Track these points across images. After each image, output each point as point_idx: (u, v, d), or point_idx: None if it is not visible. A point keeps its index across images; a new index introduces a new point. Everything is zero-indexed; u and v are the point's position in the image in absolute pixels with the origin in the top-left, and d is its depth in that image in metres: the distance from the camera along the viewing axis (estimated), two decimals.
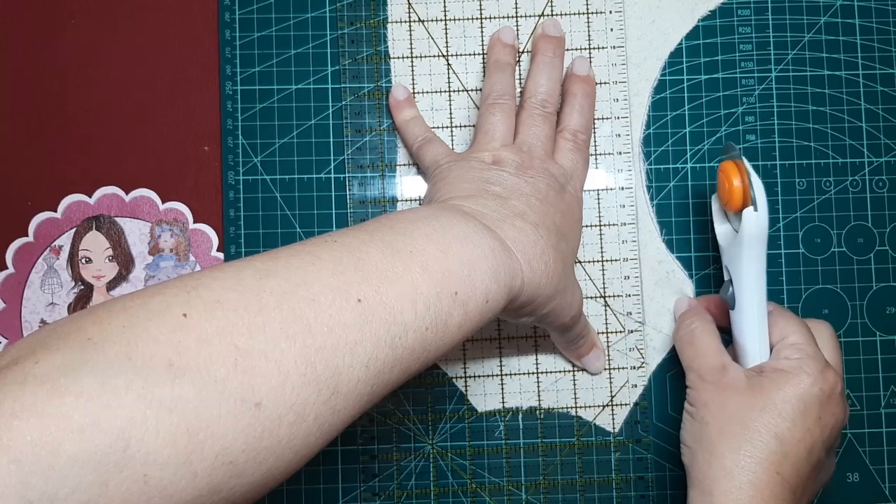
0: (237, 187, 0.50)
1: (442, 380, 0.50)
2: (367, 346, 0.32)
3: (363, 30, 0.51)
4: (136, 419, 0.26)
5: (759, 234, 0.42)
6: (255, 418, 0.28)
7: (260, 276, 0.31)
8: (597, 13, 0.51)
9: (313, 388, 0.30)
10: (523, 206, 0.42)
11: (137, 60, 0.51)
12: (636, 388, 0.50)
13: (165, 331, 0.28)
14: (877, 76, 0.51)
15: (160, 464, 0.26)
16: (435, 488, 0.49)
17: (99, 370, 0.26)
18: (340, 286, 0.32)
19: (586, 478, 0.49)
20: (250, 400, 0.28)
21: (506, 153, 0.45)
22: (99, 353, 0.27)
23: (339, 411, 0.31)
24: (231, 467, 0.28)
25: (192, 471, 0.27)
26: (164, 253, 0.50)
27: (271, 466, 0.29)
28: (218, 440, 0.27)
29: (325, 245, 0.34)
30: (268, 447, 0.29)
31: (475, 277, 0.36)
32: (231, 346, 0.29)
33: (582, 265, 0.50)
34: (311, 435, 0.31)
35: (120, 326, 0.28)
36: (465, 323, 0.36)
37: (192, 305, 0.29)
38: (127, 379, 0.26)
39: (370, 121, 0.50)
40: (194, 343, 0.28)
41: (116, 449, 0.25)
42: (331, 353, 0.31)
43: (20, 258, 0.50)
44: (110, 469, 0.25)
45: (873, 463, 0.50)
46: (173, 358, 0.27)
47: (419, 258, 0.35)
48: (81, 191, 0.50)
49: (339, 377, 0.31)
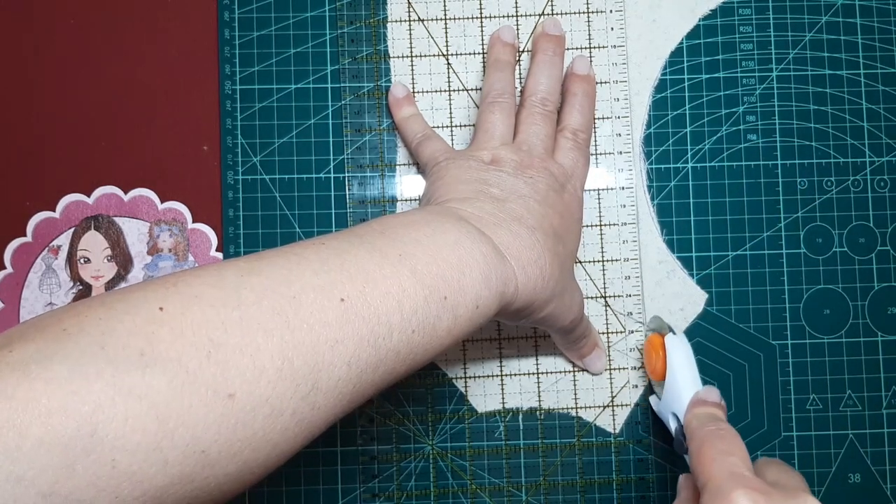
0: (236, 187, 0.50)
1: (442, 380, 0.50)
2: (348, 345, 0.32)
3: (363, 29, 0.51)
4: (105, 405, 0.26)
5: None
6: (228, 409, 0.29)
7: (242, 273, 0.32)
8: (597, 12, 0.51)
9: (290, 383, 0.30)
10: (521, 209, 0.42)
11: (136, 60, 0.51)
12: (637, 388, 0.50)
13: (140, 322, 0.29)
14: (878, 75, 0.51)
15: (129, 449, 0.27)
16: (435, 489, 0.49)
17: (71, 358, 0.27)
18: (323, 285, 0.32)
19: (587, 479, 0.49)
20: (223, 391, 0.29)
21: (505, 152, 0.45)
22: (72, 342, 0.27)
23: (320, 408, 0.32)
24: (203, 456, 0.28)
25: (162, 458, 0.27)
26: (163, 253, 0.50)
27: (247, 459, 0.30)
28: (189, 429, 0.28)
29: (312, 247, 0.34)
30: (242, 439, 0.29)
31: (465, 283, 0.36)
32: (205, 338, 0.29)
33: (582, 265, 0.50)
34: (289, 430, 0.31)
35: (96, 319, 0.29)
36: (454, 328, 0.36)
37: (170, 300, 0.30)
38: (98, 367, 0.27)
39: (370, 120, 0.50)
40: (168, 335, 0.29)
41: (84, 433, 0.26)
42: (310, 350, 0.31)
43: (19, 258, 0.50)
44: (77, 453, 0.26)
45: (875, 464, 0.50)
46: (145, 348, 0.28)
47: (408, 262, 0.35)
48: (80, 190, 0.50)
49: (319, 374, 0.31)
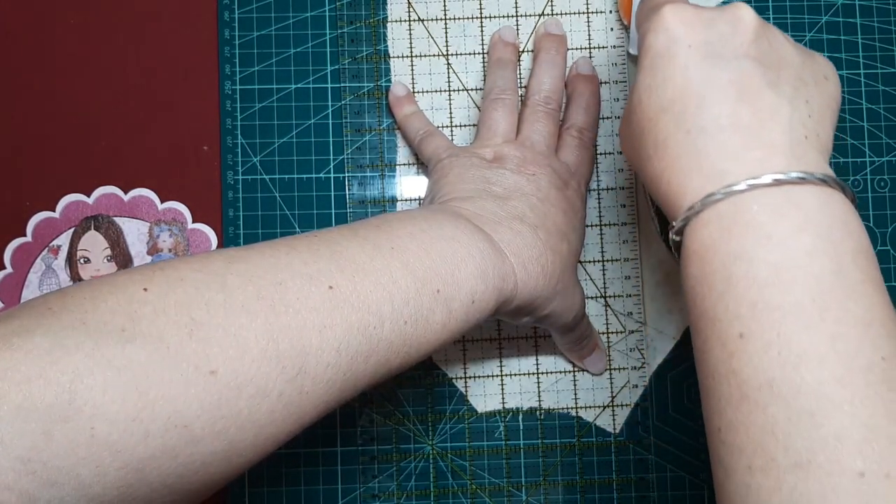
0: (236, 187, 0.50)
1: (442, 380, 0.50)
2: (336, 331, 0.32)
3: (363, 29, 0.51)
4: (83, 374, 0.27)
5: None
6: (210, 385, 0.29)
7: (229, 261, 0.32)
8: (597, 13, 0.51)
9: (275, 364, 0.31)
10: (523, 207, 0.42)
11: (136, 60, 0.51)
12: (637, 388, 0.50)
13: (123, 301, 0.29)
14: (878, 75, 0.51)
15: (108, 419, 0.27)
16: (435, 489, 0.49)
17: (52, 332, 0.28)
18: (312, 273, 0.33)
19: (587, 479, 0.49)
20: (205, 368, 0.29)
21: (507, 149, 0.45)
22: (55, 318, 0.28)
23: (308, 393, 0.32)
24: (186, 431, 0.29)
25: (143, 429, 0.28)
26: (163, 253, 0.50)
27: (233, 438, 0.30)
28: (169, 402, 0.28)
29: (304, 238, 0.35)
30: (227, 416, 0.30)
31: (459, 277, 0.36)
32: (187, 317, 0.30)
33: (582, 265, 0.50)
34: (276, 412, 0.31)
35: (81, 298, 0.29)
36: (449, 322, 0.36)
37: (155, 282, 0.30)
38: (78, 340, 0.28)
39: (370, 120, 0.50)
40: (150, 313, 0.29)
41: (62, 401, 0.27)
42: (296, 333, 0.31)
43: (18, 258, 0.49)
44: (55, 419, 0.26)
45: None
46: (127, 325, 0.29)
47: (400, 254, 0.35)
48: (80, 190, 0.50)
49: (307, 357, 0.31)
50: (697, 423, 0.49)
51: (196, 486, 0.30)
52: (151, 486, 0.29)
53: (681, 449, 0.49)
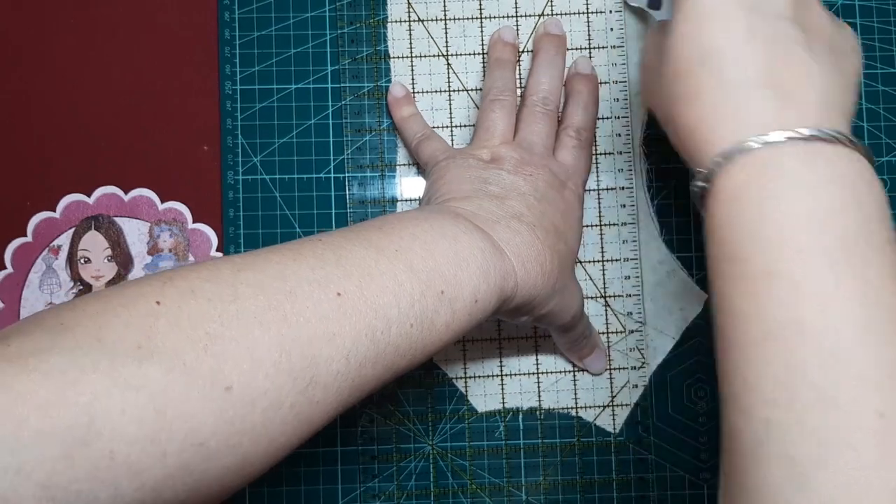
0: (236, 187, 0.50)
1: (442, 380, 0.50)
2: (346, 339, 0.32)
3: (363, 29, 0.51)
4: (101, 396, 0.27)
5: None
6: (225, 402, 0.29)
7: (238, 269, 0.32)
8: (597, 13, 0.51)
9: (288, 376, 0.30)
10: (521, 207, 0.42)
11: (136, 60, 0.51)
12: (637, 388, 0.50)
13: (137, 316, 0.29)
14: (878, 76, 0.51)
15: (127, 441, 0.27)
16: (435, 489, 0.49)
17: (67, 350, 0.27)
18: (320, 280, 0.32)
19: (587, 478, 0.49)
20: (220, 384, 0.29)
21: (505, 150, 0.45)
22: (69, 335, 0.28)
23: (318, 403, 0.32)
24: (202, 449, 0.28)
25: (160, 450, 0.27)
26: (163, 253, 0.50)
27: (246, 452, 0.30)
28: (187, 420, 0.28)
29: (308, 243, 0.34)
30: (241, 432, 0.29)
31: (462, 277, 0.36)
32: (202, 331, 0.29)
33: (582, 265, 0.50)
34: (289, 424, 0.31)
35: (93, 313, 0.29)
36: (453, 322, 0.36)
37: (166, 294, 0.30)
38: (94, 359, 0.27)
39: (370, 120, 0.50)
40: (164, 327, 0.29)
41: (81, 423, 0.26)
42: (307, 344, 0.31)
43: (19, 258, 0.50)
44: (76, 443, 0.26)
45: None
46: (142, 341, 0.28)
47: (404, 256, 0.35)
48: (80, 190, 0.50)
49: (317, 368, 0.31)
50: (697, 423, 0.49)
51: (207, 498, 0.30)
52: (165, 503, 0.28)
53: (681, 449, 0.49)
